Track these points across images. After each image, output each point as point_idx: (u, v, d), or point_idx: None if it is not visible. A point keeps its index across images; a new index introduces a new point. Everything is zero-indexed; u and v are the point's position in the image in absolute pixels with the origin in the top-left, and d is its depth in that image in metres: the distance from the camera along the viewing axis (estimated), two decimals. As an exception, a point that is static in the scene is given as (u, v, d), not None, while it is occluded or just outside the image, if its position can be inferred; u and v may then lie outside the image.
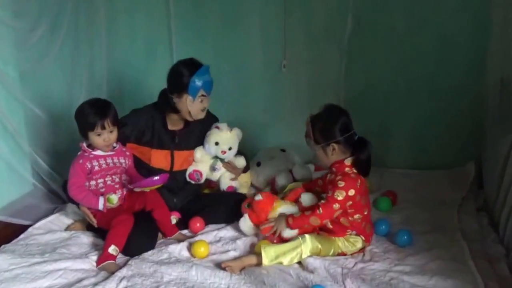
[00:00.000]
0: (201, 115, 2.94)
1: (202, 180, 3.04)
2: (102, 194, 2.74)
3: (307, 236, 2.54)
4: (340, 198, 2.50)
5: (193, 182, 3.02)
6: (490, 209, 3.04)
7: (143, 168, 2.94)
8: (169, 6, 3.89)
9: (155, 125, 2.98)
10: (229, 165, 3.07)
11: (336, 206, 2.52)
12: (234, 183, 3.13)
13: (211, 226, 2.93)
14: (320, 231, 2.66)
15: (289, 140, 3.89)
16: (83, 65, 3.53)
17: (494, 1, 3.18)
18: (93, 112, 2.68)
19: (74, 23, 3.40)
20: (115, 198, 2.72)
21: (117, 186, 2.80)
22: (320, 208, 2.52)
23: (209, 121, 3.10)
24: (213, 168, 3.02)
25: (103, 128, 2.67)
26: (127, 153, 2.90)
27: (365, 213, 2.64)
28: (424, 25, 3.58)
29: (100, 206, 2.71)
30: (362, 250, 2.65)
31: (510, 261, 2.50)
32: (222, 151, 3.01)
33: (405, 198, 3.26)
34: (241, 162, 3.11)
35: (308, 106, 3.91)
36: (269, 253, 2.47)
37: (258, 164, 3.45)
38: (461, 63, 3.55)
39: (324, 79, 3.91)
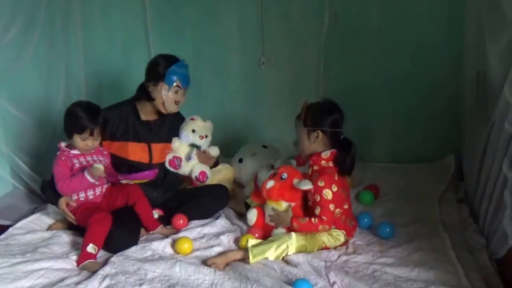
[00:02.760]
0: (174, 108, 2.96)
1: (181, 169, 2.99)
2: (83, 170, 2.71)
3: (293, 234, 2.55)
4: (329, 197, 2.53)
5: (172, 169, 2.98)
6: (470, 201, 3.07)
7: (123, 166, 2.93)
8: (145, 4, 3.88)
9: (128, 118, 2.99)
10: (203, 155, 3.00)
11: (331, 206, 2.54)
12: (205, 168, 3.00)
13: (195, 222, 2.93)
14: None
15: (270, 137, 3.94)
16: (60, 65, 3.51)
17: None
18: (86, 118, 2.69)
19: (49, 22, 3.36)
20: (99, 166, 2.69)
21: (97, 183, 2.78)
22: (323, 216, 2.53)
23: (180, 118, 3.10)
24: (188, 157, 2.96)
25: (91, 134, 2.69)
26: (105, 152, 2.91)
27: (345, 207, 2.66)
28: (401, 21, 3.63)
29: (90, 178, 2.68)
30: (345, 243, 2.66)
31: (490, 251, 2.53)
32: (200, 136, 2.97)
33: (387, 191, 3.29)
34: (215, 150, 3.05)
35: (287, 103, 4.00)
36: (255, 252, 2.47)
37: (240, 161, 3.45)
38: (439, 58, 3.59)
39: (303, 76, 3.93)
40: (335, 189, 2.54)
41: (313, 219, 2.55)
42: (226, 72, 4.06)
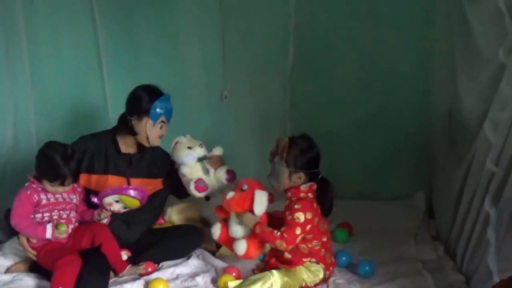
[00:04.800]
0: (158, 142, 2.87)
1: (210, 187, 2.86)
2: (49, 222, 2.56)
3: (274, 271, 2.48)
4: (300, 221, 2.47)
5: (203, 194, 2.83)
6: (444, 239, 3.07)
7: None
8: (97, 37, 3.65)
9: (107, 150, 2.85)
10: (213, 161, 2.90)
11: (298, 230, 2.48)
12: (229, 167, 2.91)
13: (166, 263, 2.79)
14: (280, 264, 2.61)
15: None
16: (6, 101, 3.24)
17: (438, 34, 3.25)
18: (62, 168, 2.50)
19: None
20: (65, 227, 2.56)
21: (63, 221, 2.62)
22: (285, 233, 2.48)
23: (159, 151, 2.99)
24: (206, 171, 2.85)
25: (62, 184, 2.54)
26: (79, 189, 2.74)
27: (324, 239, 2.61)
28: (370, 57, 3.61)
29: (48, 234, 2.52)
30: (324, 280, 2.60)
31: (471, 289, 2.51)
32: (199, 145, 2.89)
33: (360, 229, 3.25)
34: (218, 149, 2.97)
35: (252, 138, 3.93)
36: None
37: (207, 199, 3.32)
38: (408, 94, 3.59)
39: (268, 111, 3.87)
40: (309, 216, 2.49)
41: (275, 231, 2.50)
42: (185, 105, 3.84)
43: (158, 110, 2.77)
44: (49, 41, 3.51)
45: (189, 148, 2.86)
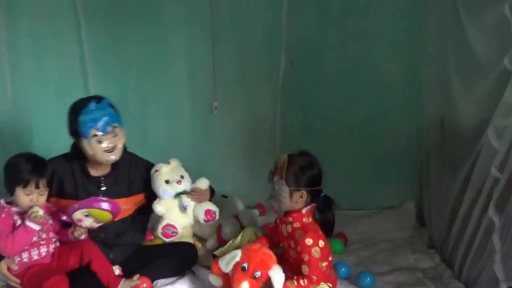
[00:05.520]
0: (109, 157, 2.61)
1: (179, 232, 2.75)
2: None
3: None
4: (317, 256, 2.34)
5: (171, 239, 2.73)
6: (439, 247, 3.06)
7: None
8: (82, 49, 3.53)
9: (75, 174, 2.68)
10: (195, 195, 2.80)
11: (321, 264, 2.36)
12: (210, 206, 2.82)
13: (161, 281, 2.67)
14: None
15: (224, 186, 3.74)
16: None
17: (427, 43, 3.28)
18: (30, 169, 2.41)
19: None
20: (38, 209, 2.39)
21: (43, 242, 2.50)
22: (312, 276, 2.34)
23: (138, 163, 2.84)
24: (184, 208, 2.74)
25: (37, 187, 2.42)
26: (53, 209, 2.59)
27: (330, 258, 2.50)
28: (359, 66, 3.60)
29: (33, 226, 2.38)
30: (330, 297, 2.53)
31: (472, 298, 2.50)
32: (177, 182, 2.76)
33: (355, 239, 3.21)
34: (203, 182, 2.86)
35: (242, 150, 3.86)
36: None
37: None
38: (398, 102, 3.59)
39: (259, 122, 3.81)
40: (322, 244, 2.38)
41: (301, 281, 2.34)
42: (175, 117, 3.83)
43: (84, 126, 2.53)
44: (32, 51, 3.41)
45: (167, 182, 2.75)
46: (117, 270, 2.62)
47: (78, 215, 2.44)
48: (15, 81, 3.32)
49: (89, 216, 2.45)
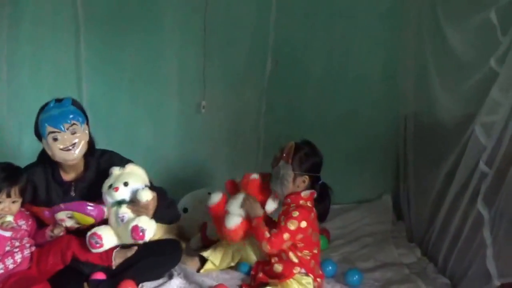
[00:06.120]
0: (67, 156, 2.46)
1: (104, 245, 2.43)
2: None
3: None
4: (292, 228, 2.45)
5: (96, 251, 2.42)
6: (419, 241, 3.09)
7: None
8: (80, 50, 3.39)
9: (48, 178, 2.58)
10: (134, 207, 2.45)
11: (286, 236, 2.45)
12: (143, 223, 2.41)
13: (148, 284, 2.58)
14: (270, 279, 2.52)
15: (209, 184, 3.68)
16: None
17: (402, 43, 3.38)
18: (2, 177, 2.35)
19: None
20: (5, 216, 2.34)
21: (16, 250, 2.40)
22: (273, 237, 2.45)
23: (105, 163, 2.64)
24: (121, 219, 2.42)
25: (8, 196, 2.35)
26: (27, 212, 2.50)
27: (315, 251, 2.56)
28: (340, 67, 3.66)
29: (4, 233, 2.34)
30: (316, 292, 2.53)
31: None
32: (114, 188, 2.44)
33: (337, 234, 3.22)
34: (143, 194, 2.43)
35: (227, 149, 3.84)
36: None
37: (185, 210, 3.16)
38: (373, 100, 3.65)
39: (244, 122, 3.81)
40: (303, 225, 2.47)
41: (266, 233, 2.47)
42: (163, 117, 3.75)
43: (41, 124, 2.46)
44: (29, 55, 3.30)
45: (110, 187, 2.47)
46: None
47: (61, 215, 2.39)
48: (11, 82, 3.25)
49: (72, 218, 2.39)
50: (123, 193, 2.45)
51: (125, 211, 2.44)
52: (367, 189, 3.75)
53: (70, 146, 2.45)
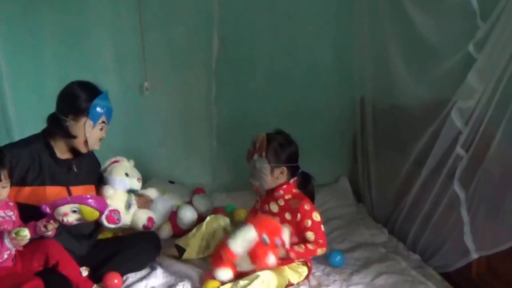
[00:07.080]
0: (97, 146, 2.58)
1: (120, 223, 2.58)
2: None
3: (266, 271, 2.36)
4: (319, 218, 2.52)
5: (111, 226, 2.55)
6: (383, 221, 3.24)
7: (40, 216, 2.38)
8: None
9: (41, 157, 2.48)
10: (141, 200, 2.74)
11: (322, 227, 2.53)
12: (151, 213, 2.75)
13: (131, 276, 2.55)
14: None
15: (159, 169, 3.63)
16: None
17: (354, 27, 3.46)
18: None
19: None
20: (25, 231, 2.20)
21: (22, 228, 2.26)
22: (319, 240, 2.48)
23: (92, 157, 2.71)
24: (128, 205, 2.63)
25: None
26: (11, 203, 2.36)
27: None
28: (291, 48, 3.65)
29: (9, 244, 2.19)
30: (306, 276, 2.59)
31: (433, 266, 2.68)
32: (138, 179, 2.69)
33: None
34: (153, 192, 2.81)
35: (177, 132, 3.76)
36: None
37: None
38: (328, 83, 3.70)
39: (194, 103, 3.73)
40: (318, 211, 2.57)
41: (309, 245, 2.46)
42: None
43: (98, 109, 2.49)
44: None
45: (127, 175, 2.67)
46: (85, 272, 2.44)
47: (65, 209, 2.25)
48: None
49: (76, 212, 2.27)
50: (140, 185, 2.72)
51: (134, 200, 2.67)
52: (326, 172, 3.80)
53: (101, 139, 2.58)
